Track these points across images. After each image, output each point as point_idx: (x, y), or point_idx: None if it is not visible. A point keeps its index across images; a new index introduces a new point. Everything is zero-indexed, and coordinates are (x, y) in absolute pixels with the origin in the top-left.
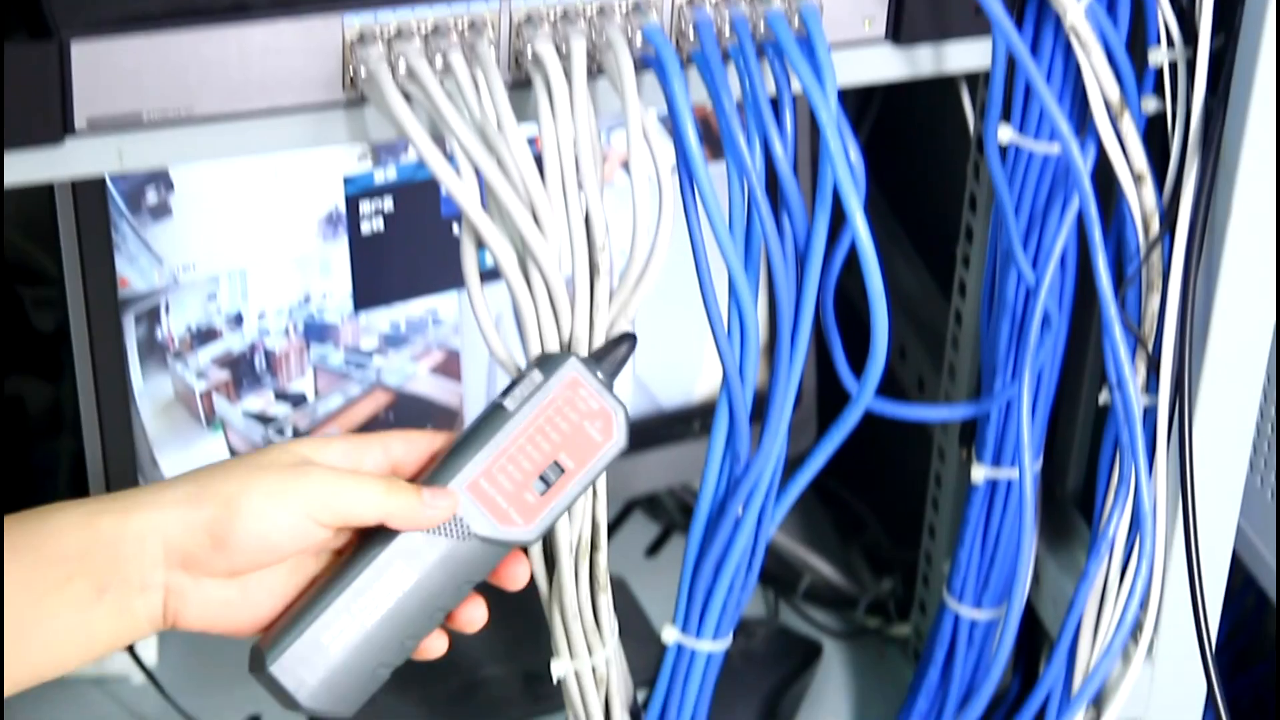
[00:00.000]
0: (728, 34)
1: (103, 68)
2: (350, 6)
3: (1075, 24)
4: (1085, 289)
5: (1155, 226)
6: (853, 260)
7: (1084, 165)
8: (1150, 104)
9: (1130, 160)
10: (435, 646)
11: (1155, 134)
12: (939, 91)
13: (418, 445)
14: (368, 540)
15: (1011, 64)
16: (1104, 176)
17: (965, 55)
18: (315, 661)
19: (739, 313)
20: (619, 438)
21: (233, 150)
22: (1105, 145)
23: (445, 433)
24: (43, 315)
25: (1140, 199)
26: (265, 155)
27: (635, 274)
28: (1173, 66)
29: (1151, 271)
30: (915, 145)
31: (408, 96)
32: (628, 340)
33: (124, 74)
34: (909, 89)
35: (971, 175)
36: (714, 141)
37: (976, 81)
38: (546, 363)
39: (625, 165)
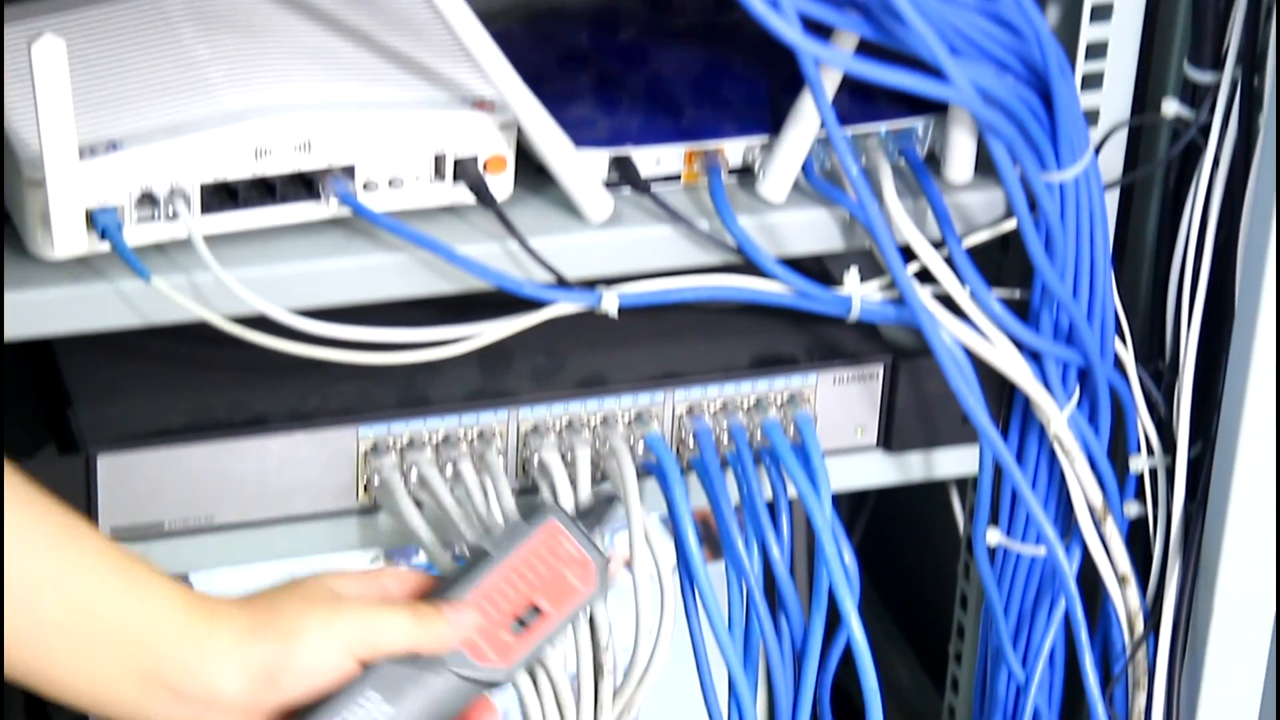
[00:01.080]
0: (726, 442)
1: (127, 480)
2: (364, 419)
3: (1059, 433)
4: (1074, 686)
5: (1140, 626)
6: (849, 656)
7: (1069, 568)
8: (1132, 509)
9: (1114, 563)
10: None
11: (1138, 537)
12: (930, 494)
13: (407, 582)
14: None
15: (999, 470)
16: (1090, 576)
17: (954, 462)
18: None
19: (739, 710)
20: (597, 586)
21: (251, 556)
22: (1090, 548)
23: (433, 576)
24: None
25: (1125, 600)
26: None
27: (638, 672)
28: (1153, 473)
29: (1137, 669)
30: (907, 546)
31: (419, 503)
32: (610, 500)
33: (147, 486)
34: (901, 491)
35: (962, 575)
36: (713, 541)
37: (966, 485)
38: (530, 511)
39: (628, 565)
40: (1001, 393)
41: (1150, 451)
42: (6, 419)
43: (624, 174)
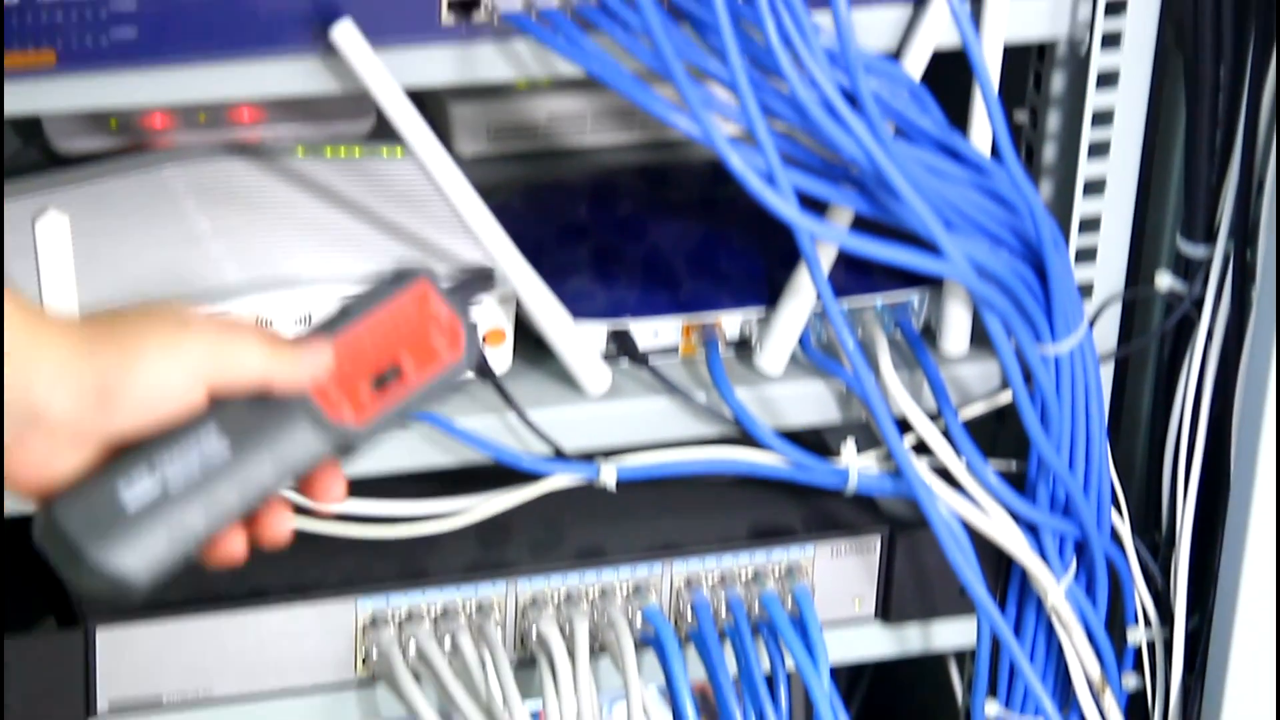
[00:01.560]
0: (724, 614)
1: (126, 653)
2: (363, 591)
3: (1056, 605)
4: None
5: None
6: None
7: None
8: (1130, 681)
9: None
10: (234, 549)
11: (1137, 709)
12: (928, 666)
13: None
14: None
15: (996, 642)
16: None
17: (952, 634)
18: (109, 516)
19: None
20: (465, 356)
21: None
22: None
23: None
24: None
25: None
26: None
27: None
28: (1151, 645)
29: None
30: (906, 718)
31: (417, 676)
32: (486, 274)
33: (146, 658)
34: (899, 663)
35: None
36: (711, 713)
37: (964, 657)
38: (400, 273)
39: None
40: (998, 564)
41: (1148, 624)
42: (5, 594)
43: (622, 346)
